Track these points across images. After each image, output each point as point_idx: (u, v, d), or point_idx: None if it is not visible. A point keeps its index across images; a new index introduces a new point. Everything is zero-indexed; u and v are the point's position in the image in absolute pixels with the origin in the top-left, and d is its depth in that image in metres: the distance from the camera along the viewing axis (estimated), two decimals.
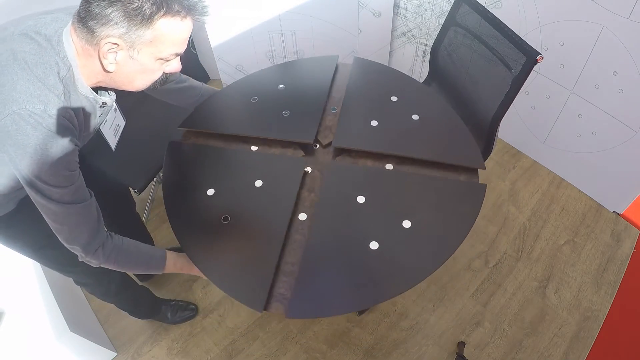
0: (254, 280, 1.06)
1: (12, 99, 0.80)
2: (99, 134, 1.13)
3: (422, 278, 1.06)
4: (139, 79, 0.92)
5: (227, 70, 2.23)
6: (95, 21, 0.80)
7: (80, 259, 0.98)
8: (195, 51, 2.54)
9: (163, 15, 0.81)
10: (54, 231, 0.93)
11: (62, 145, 0.85)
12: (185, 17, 0.85)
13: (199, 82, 1.45)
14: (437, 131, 1.33)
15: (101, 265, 1.01)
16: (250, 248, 1.13)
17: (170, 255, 1.14)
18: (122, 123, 1.27)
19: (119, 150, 1.27)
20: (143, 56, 0.86)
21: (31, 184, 0.86)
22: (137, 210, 1.69)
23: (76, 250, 0.96)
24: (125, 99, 1.22)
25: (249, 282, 1.07)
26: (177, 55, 0.92)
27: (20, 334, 1.33)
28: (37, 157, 0.83)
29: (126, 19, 0.79)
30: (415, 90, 1.46)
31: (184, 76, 1.37)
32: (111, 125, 1.19)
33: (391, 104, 1.40)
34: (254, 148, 1.35)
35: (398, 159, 1.28)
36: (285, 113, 1.39)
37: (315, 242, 1.11)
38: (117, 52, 0.84)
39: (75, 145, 0.90)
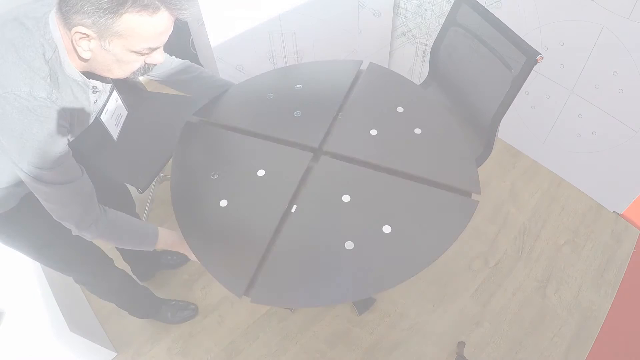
0: (239, 265, 1.09)
1: None
2: (99, 128, 1.12)
3: (391, 285, 1.05)
4: (116, 69, 0.90)
5: (227, 71, 2.22)
6: (68, 8, 0.79)
7: (74, 233, 0.99)
8: (195, 51, 2.54)
9: (128, 9, 0.79)
10: (46, 209, 0.94)
11: (48, 127, 0.85)
12: (155, 12, 0.82)
13: (210, 72, 1.42)
14: (437, 147, 1.29)
15: (94, 239, 1.02)
16: (243, 234, 1.16)
17: (162, 232, 1.16)
18: (125, 113, 1.25)
19: (121, 149, 1.25)
20: (115, 47, 0.84)
21: (21, 167, 0.87)
22: (137, 211, 1.69)
23: (69, 225, 0.96)
24: (128, 95, 1.22)
25: (234, 267, 1.10)
26: (151, 49, 0.89)
27: (20, 334, 1.33)
28: (24, 140, 0.83)
29: (94, 10, 0.78)
30: (424, 104, 1.41)
31: (194, 67, 1.34)
32: (112, 115, 1.17)
33: (396, 115, 1.37)
34: (262, 140, 1.36)
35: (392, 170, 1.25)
36: (297, 114, 1.40)
37: (294, 233, 1.14)
38: (89, 41, 0.83)
39: (64, 127, 0.89)
